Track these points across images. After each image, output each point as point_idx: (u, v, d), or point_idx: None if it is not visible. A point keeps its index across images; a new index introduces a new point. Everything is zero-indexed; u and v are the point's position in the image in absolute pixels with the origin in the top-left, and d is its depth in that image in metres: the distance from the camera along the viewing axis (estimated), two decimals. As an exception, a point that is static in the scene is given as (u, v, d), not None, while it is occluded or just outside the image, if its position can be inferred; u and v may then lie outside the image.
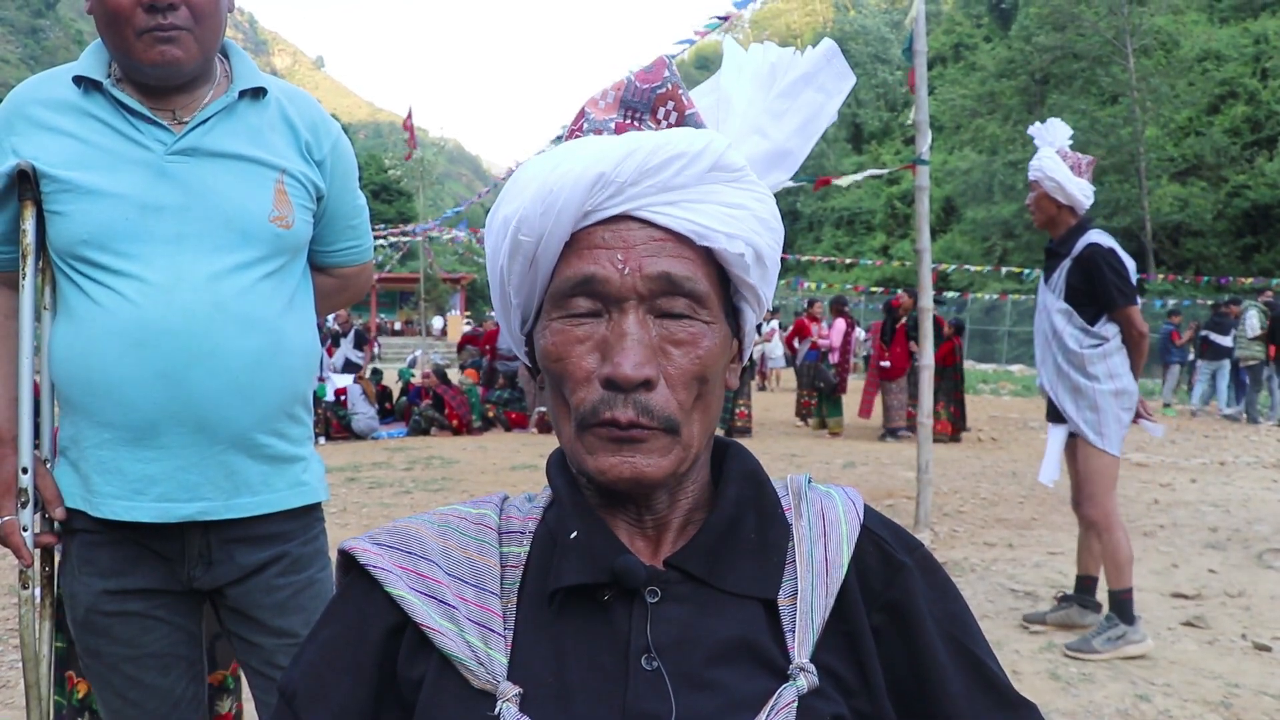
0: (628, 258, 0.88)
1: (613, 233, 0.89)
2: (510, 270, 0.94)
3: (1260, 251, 32.68)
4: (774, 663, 0.88)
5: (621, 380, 0.85)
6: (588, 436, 0.89)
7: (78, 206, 1.68)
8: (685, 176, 0.89)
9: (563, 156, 0.91)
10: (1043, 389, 4.79)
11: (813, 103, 1.03)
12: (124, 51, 1.68)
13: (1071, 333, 4.55)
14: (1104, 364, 4.52)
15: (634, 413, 0.86)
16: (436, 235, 23.55)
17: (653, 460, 0.88)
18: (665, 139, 0.90)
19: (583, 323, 0.90)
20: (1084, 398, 4.53)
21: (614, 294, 0.88)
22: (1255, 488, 9.00)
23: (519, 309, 0.97)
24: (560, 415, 0.93)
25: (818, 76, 1.04)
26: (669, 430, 0.88)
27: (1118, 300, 4.45)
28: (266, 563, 1.83)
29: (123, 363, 1.66)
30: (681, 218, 0.89)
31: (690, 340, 0.90)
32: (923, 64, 6.84)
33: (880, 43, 62.76)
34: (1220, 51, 37.77)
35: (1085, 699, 3.94)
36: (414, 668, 0.91)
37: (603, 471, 0.88)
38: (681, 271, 0.89)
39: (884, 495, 8.45)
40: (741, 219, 0.92)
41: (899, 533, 1.02)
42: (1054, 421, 4.72)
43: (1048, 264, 4.71)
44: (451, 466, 10.47)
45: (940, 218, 45.04)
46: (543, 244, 0.90)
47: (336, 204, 1.95)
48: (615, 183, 0.88)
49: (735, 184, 0.92)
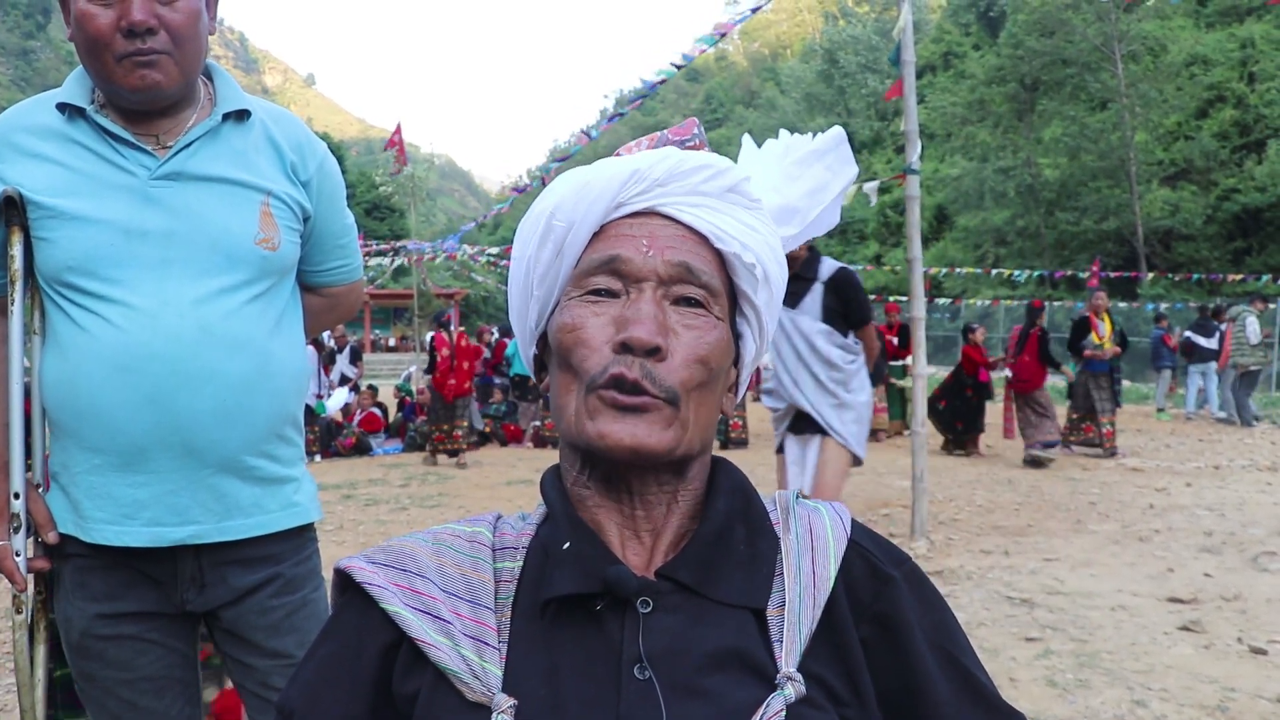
0: (652, 243, 0.95)
1: (640, 224, 0.96)
2: (538, 258, 0.99)
3: (1251, 254, 32.73)
4: (764, 672, 0.89)
5: (634, 343, 0.89)
6: (592, 399, 0.91)
7: (63, 233, 1.68)
8: (710, 186, 0.98)
9: (603, 161, 1.01)
10: (775, 408, 5.35)
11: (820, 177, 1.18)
12: (105, 77, 1.68)
13: (835, 351, 5.02)
14: (859, 378, 5.08)
15: (640, 374, 0.89)
16: (431, 251, 23.53)
17: (654, 431, 0.90)
18: (695, 153, 1.01)
19: (600, 300, 0.95)
20: (849, 411, 5.04)
21: (635, 273, 0.94)
22: (1250, 491, 9.02)
23: (539, 301, 1.01)
24: (566, 389, 0.95)
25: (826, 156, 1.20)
26: (671, 401, 0.91)
27: (868, 317, 5.08)
28: (260, 584, 1.83)
29: (110, 388, 1.66)
30: (704, 219, 0.97)
31: (700, 327, 0.94)
32: (911, 75, 6.88)
33: (870, 51, 62.82)
34: (1208, 56, 37.90)
35: (1082, 705, 3.94)
36: (409, 683, 0.91)
37: (603, 435, 0.90)
38: (700, 265, 0.95)
39: (879, 504, 8.46)
40: (756, 238, 1.00)
41: (886, 547, 1.03)
42: (795, 433, 5.26)
43: (791, 289, 5.01)
44: (447, 483, 10.46)
45: (932, 225, 45.16)
46: (573, 230, 0.96)
47: (324, 224, 1.95)
48: (648, 178, 0.96)
49: (751, 210, 1.02)
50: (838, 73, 63.54)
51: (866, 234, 53.51)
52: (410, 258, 22.87)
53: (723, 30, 8.44)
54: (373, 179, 50.75)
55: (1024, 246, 38.50)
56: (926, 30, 63.32)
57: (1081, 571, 6.13)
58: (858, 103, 62.98)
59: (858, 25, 71.24)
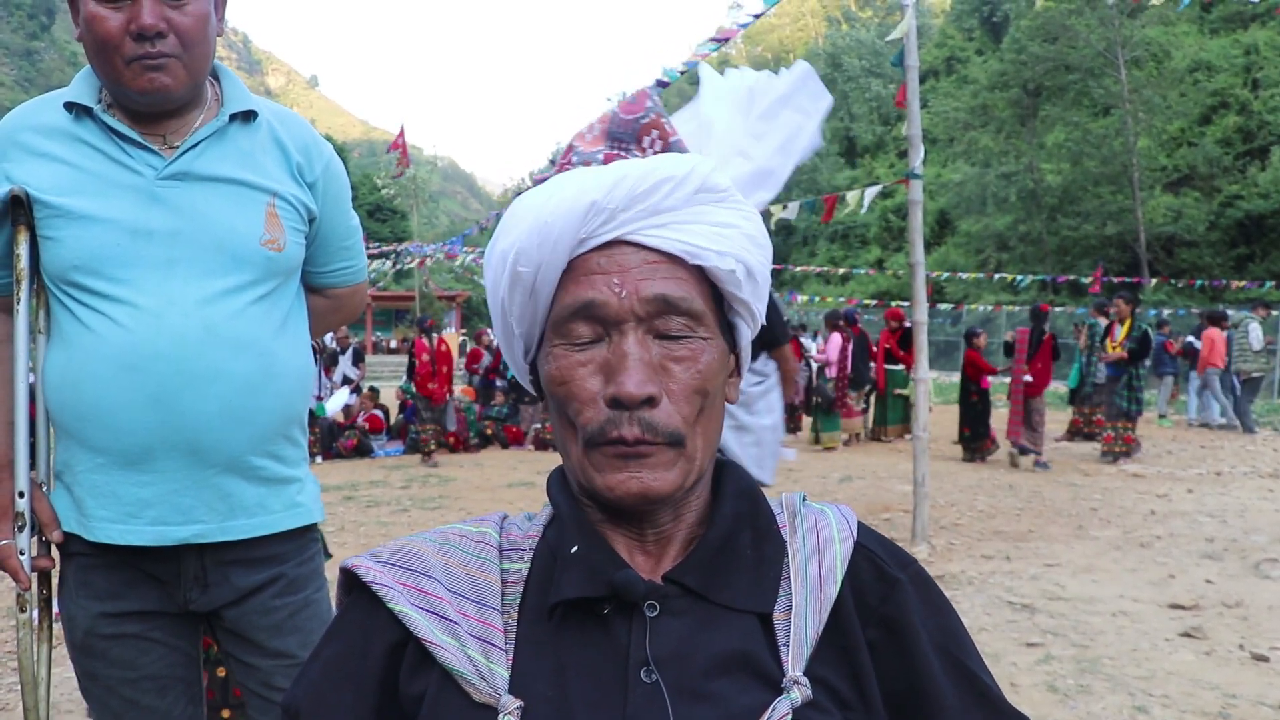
0: (624, 281, 0.90)
1: (608, 258, 0.92)
2: (511, 301, 0.96)
3: (1254, 261, 32.71)
4: (770, 676, 0.89)
5: (625, 398, 0.87)
6: (595, 455, 0.91)
7: (69, 232, 1.68)
8: (674, 199, 0.92)
9: (555, 189, 0.94)
10: None
11: (791, 123, 1.09)
12: (113, 79, 1.68)
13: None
14: (765, 400, 4.94)
15: (639, 430, 0.88)
16: (433, 255, 23.54)
17: (659, 475, 0.90)
18: (652, 165, 0.93)
19: (584, 347, 0.92)
20: (749, 434, 4.89)
21: (612, 317, 0.90)
22: (1252, 498, 9.01)
23: (521, 339, 0.99)
24: (567, 437, 0.95)
25: (794, 98, 1.10)
26: (674, 444, 0.90)
27: (784, 338, 4.99)
28: (263, 584, 1.83)
29: (114, 387, 1.66)
30: (673, 239, 0.92)
31: (690, 357, 0.92)
32: (914, 80, 6.87)
33: (873, 56, 62.90)
34: (1211, 62, 37.90)
35: (1083, 710, 3.94)
36: (415, 683, 0.91)
37: (611, 488, 0.90)
38: (677, 292, 0.91)
39: (881, 509, 8.45)
40: (730, 237, 0.95)
41: (893, 549, 1.03)
42: None
43: None
44: (449, 484, 10.47)
45: (934, 230, 45.12)
46: (540, 274, 0.92)
47: (329, 225, 1.95)
48: (607, 209, 0.90)
49: (722, 204, 0.95)
50: (841, 77, 63.54)
51: (868, 238, 53.53)
52: (413, 259, 22.88)
53: (726, 35, 8.44)
54: (375, 181, 50.85)
55: (1026, 252, 38.43)
56: (930, 35, 63.36)
57: (1083, 577, 6.12)
58: (861, 107, 63.04)
59: (861, 29, 71.33)
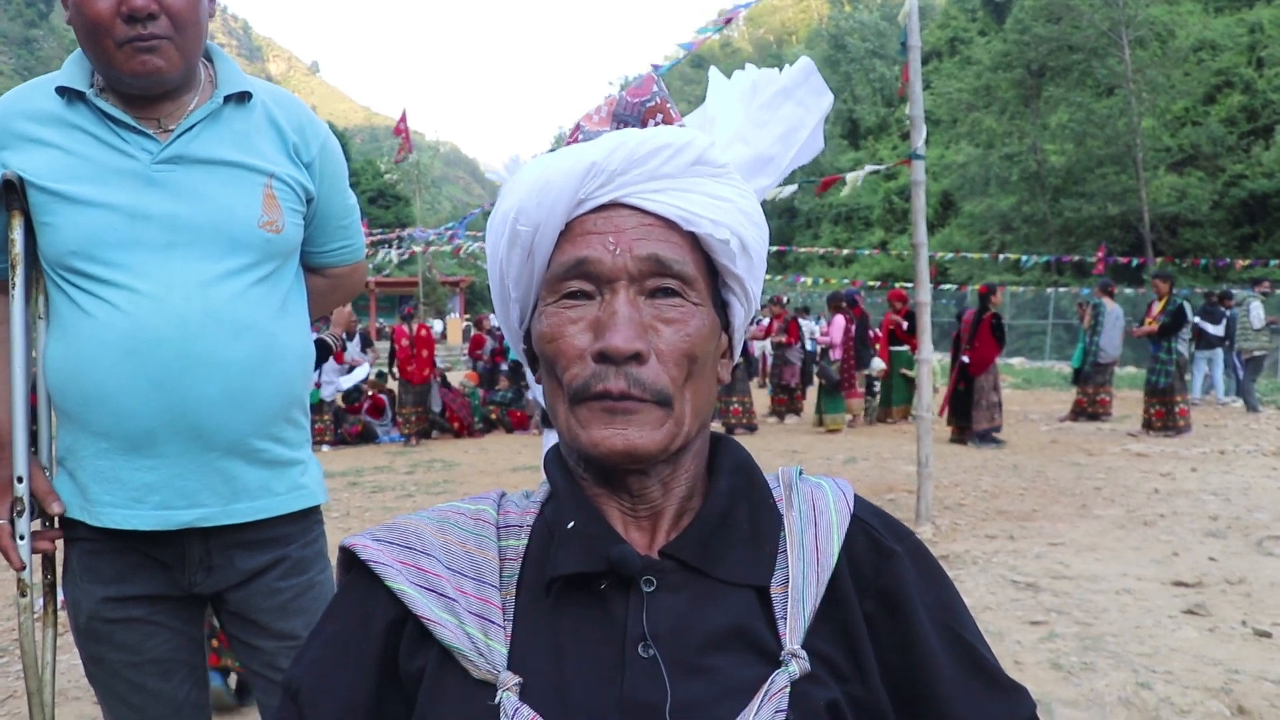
0: (619, 240, 0.92)
1: (604, 219, 0.94)
2: (509, 261, 0.98)
3: (1258, 240, 32.60)
4: (767, 649, 0.89)
5: (613, 352, 0.88)
6: (581, 410, 0.91)
7: (65, 218, 1.67)
8: (671, 166, 0.94)
9: (558, 154, 0.96)
10: None
11: (792, 116, 1.10)
12: (105, 62, 1.66)
13: None
14: None
15: (625, 384, 0.89)
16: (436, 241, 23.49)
17: (645, 433, 0.90)
18: (652, 133, 0.96)
19: (576, 304, 0.93)
20: None
21: (606, 274, 0.92)
22: (1255, 476, 9.00)
23: (518, 302, 1.01)
24: (555, 396, 0.95)
25: (796, 91, 1.11)
26: (661, 403, 0.91)
27: None
28: (267, 566, 1.84)
29: (116, 372, 1.66)
30: (669, 204, 0.94)
31: (680, 319, 0.93)
32: (917, 60, 6.84)
33: (877, 37, 62.65)
34: (1215, 41, 37.70)
35: (1087, 687, 3.95)
36: (415, 660, 0.92)
37: (595, 444, 0.90)
38: (670, 254, 0.93)
39: (885, 489, 8.47)
40: (726, 209, 0.96)
41: (890, 522, 1.03)
42: None
43: None
44: (453, 469, 10.50)
45: (938, 212, 45.02)
46: (539, 233, 0.94)
47: (327, 205, 1.94)
48: (606, 170, 0.93)
49: (718, 179, 0.97)
50: (844, 58, 63.36)
51: (872, 220, 53.42)
52: (416, 245, 22.85)
53: (728, 17, 8.40)
54: (377, 167, 50.76)
55: (1030, 233, 38.34)
56: (933, 16, 63.06)
57: (1086, 556, 6.13)
58: (864, 88, 62.81)
59: (864, 10, 70.98)
